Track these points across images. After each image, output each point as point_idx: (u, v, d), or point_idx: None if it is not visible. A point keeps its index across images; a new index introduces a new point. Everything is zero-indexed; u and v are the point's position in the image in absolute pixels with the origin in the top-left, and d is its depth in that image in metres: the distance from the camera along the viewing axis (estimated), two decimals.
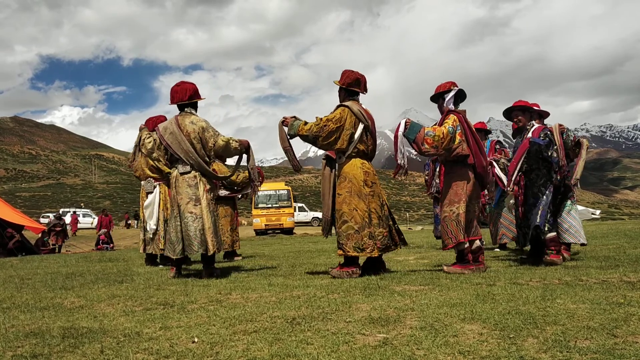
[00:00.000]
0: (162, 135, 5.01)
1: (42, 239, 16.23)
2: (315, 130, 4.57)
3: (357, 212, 4.52)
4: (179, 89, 5.09)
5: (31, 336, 2.57)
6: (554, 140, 5.11)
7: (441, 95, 4.87)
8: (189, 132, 4.92)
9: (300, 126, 4.63)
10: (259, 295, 3.58)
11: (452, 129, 4.59)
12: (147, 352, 2.23)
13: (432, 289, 3.60)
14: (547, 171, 5.11)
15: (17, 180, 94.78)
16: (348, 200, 4.55)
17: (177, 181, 4.97)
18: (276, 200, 26.13)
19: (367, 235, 4.49)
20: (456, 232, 4.59)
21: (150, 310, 3.17)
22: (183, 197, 4.91)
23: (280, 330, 2.50)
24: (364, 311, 2.87)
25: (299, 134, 4.66)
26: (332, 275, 4.54)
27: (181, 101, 5.06)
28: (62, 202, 62.71)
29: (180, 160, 4.96)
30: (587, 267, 4.61)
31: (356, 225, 4.50)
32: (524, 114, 5.31)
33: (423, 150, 4.58)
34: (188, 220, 4.86)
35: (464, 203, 4.61)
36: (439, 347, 2.14)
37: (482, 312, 2.70)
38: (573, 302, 2.88)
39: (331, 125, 4.55)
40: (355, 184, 4.57)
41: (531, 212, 5.08)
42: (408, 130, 4.64)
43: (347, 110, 4.62)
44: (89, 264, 7.44)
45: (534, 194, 5.11)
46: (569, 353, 1.99)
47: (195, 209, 4.88)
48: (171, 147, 4.95)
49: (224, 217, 7.65)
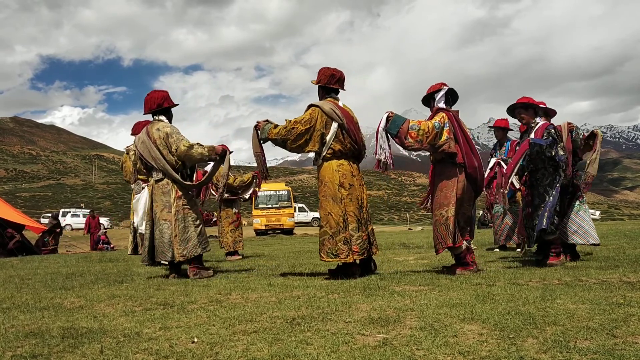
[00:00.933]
0: (136, 145, 5.22)
1: (43, 239, 16.23)
2: (284, 134, 4.47)
3: (332, 216, 4.41)
4: (148, 98, 5.25)
5: (31, 336, 2.57)
6: (557, 138, 4.92)
7: (432, 96, 4.80)
8: (155, 138, 5.03)
9: (270, 130, 4.55)
10: (259, 296, 3.58)
11: (438, 124, 4.50)
12: (146, 352, 2.23)
13: (431, 290, 3.60)
14: (553, 170, 4.95)
15: (17, 180, 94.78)
16: (324, 205, 4.48)
17: (154, 189, 5.10)
18: (276, 200, 26.15)
19: (342, 241, 4.37)
20: (445, 236, 4.48)
21: (150, 311, 3.17)
22: (158, 205, 5.04)
23: (280, 331, 2.50)
24: (364, 311, 2.87)
25: (269, 138, 4.58)
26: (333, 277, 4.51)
27: (150, 110, 5.21)
28: (63, 202, 62.73)
29: (153, 168, 5.09)
30: (587, 267, 4.60)
31: (331, 230, 4.40)
32: (527, 110, 5.11)
33: (406, 144, 4.46)
34: (163, 227, 4.98)
35: (453, 206, 4.49)
36: (438, 347, 2.14)
37: (481, 312, 2.70)
38: (573, 303, 2.88)
39: (299, 127, 4.44)
40: (331, 187, 4.46)
41: (536, 212, 4.97)
42: (390, 124, 4.52)
43: (317, 110, 4.49)
44: (89, 264, 7.44)
45: (539, 195, 4.98)
46: (569, 353, 1.99)
47: (168, 216, 4.98)
48: (143, 155, 5.09)
49: (225, 218, 7.83)
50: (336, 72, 4.70)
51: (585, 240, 5.29)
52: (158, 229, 4.99)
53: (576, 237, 5.28)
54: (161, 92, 5.28)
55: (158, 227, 5.00)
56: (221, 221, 7.94)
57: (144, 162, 5.15)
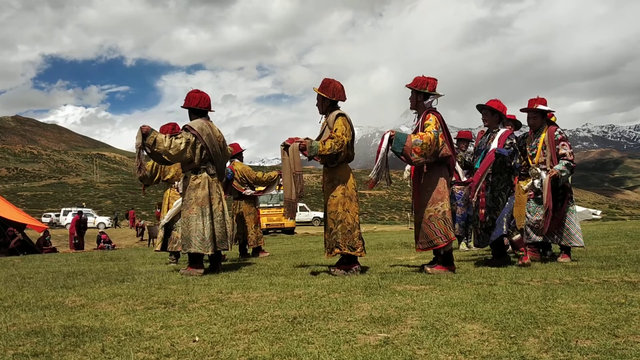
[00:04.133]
0: (199, 135, 5.17)
1: (44, 238, 16.26)
2: (337, 148, 4.60)
3: (349, 213, 4.71)
4: (199, 96, 5.34)
5: (32, 335, 2.57)
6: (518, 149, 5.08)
7: (424, 93, 4.73)
8: (219, 137, 5.35)
9: (320, 146, 4.59)
10: (260, 295, 3.59)
11: (436, 132, 4.53)
12: (148, 351, 2.23)
13: (433, 289, 3.60)
14: (507, 176, 5.03)
15: (18, 179, 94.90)
16: (342, 201, 4.69)
17: (210, 182, 5.26)
18: (277, 200, 26.15)
19: (358, 236, 4.71)
20: (445, 230, 4.57)
21: (151, 309, 3.18)
22: (215, 198, 5.25)
23: (281, 330, 2.50)
24: (365, 310, 2.87)
25: (320, 154, 4.62)
26: (334, 275, 4.60)
27: (205, 108, 5.36)
28: (64, 201, 62.74)
29: (210, 161, 5.26)
30: (588, 267, 4.60)
31: (349, 226, 4.68)
32: (493, 115, 5.11)
33: (413, 160, 4.54)
34: (224, 218, 5.28)
35: (447, 200, 4.63)
36: (440, 346, 2.13)
37: (483, 311, 2.70)
38: (574, 302, 2.88)
39: (346, 139, 4.65)
40: (349, 188, 4.75)
41: (490, 215, 4.97)
42: (394, 143, 4.55)
43: (346, 118, 4.74)
44: (90, 263, 7.45)
45: (494, 198, 5.00)
46: (570, 353, 1.99)
47: (224, 209, 5.32)
48: (208, 148, 5.21)
49: (248, 214, 7.91)
50: (341, 86, 4.85)
51: (567, 242, 5.29)
52: (216, 220, 5.23)
53: (572, 241, 5.28)
54: (208, 96, 5.43)
55: (216, 219, 5.23)
56: (240, 217, 8.00)
57: (211, 153, 5.23)
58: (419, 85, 4.75)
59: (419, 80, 4.76)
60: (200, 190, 5.17)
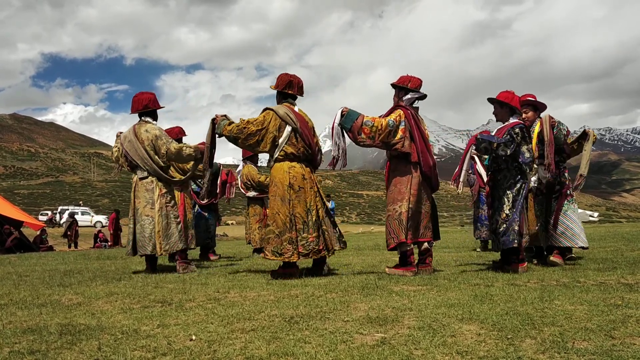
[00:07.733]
0: (122, 143, 5.43)
1: (41, 236, 16.22)
2: (236, 132, 4.61)
3: (279, 216, 4.52)
4: (135, 99, 5.49)
5: (29, 332, 2.56)
6: (523, 140, 4.55)
7: (405, 89, 4.69)
8: (144, 139, 5.30)
9: (225, 126, 4.67)
10: (257, 294, 3.58)
11: (392, 122, 4.46)
12: (144, 349, 2.23)
13: (430, 289, 3.60)
14: (516, 173, 4.58)
15: (15, 177, 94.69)
16: (272, 204, 4.60)
17: (137, 186, 5.36)
18: None
19: (287, 240, 4.47)
20: (398, 231, 4.45)
21: (148, 308, 3.17)
22: (141, 201, 5.30)
23: (278, 329, 2.50)
24: (362, 311, 2.87)
25: (222, 133, 4.71)
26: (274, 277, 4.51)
27: (137, 111, 5.47)
28: (61, 199, 62.60)
29: (138, 166, 5.33)
30: (585, 269, 4.61)
31: (277, 229, 4.51)
32: (502, 108, 4.75)
33: (359, 140, 4.47)
34: (145, 222, 5.25)
35: (406, 202, 4.46)
36: (436, 347, 2.13)
37: (480, 312, 2.70)
38: (571, 304, 2.88)
39: (251, 127, 4.58)
40: (280, 188, 4.56)
41: (494, 217, 4.64)
42: (344, 118, 4.51)
43: (271, 113, 4.63)
44: (87, 262, 7.44)
45: (498, 197, 4.63)
46: (567, 354, 1.99)
47: (150, 212, 5.25)
48: (129, 154, 5.33)
49: (253, 216, 7.95)
50: (294, 79, 4.82)
51: (573, 243, 5.03)
52: (139, 224, 5.27)
53: (563, 240, 5.03)
54: (148, 94, 5.52)
55: (140, 222, 5.27)
56: (248, 218, 8.00)
57: (129, 160, 5.38)
58: (400, 82, 4.74)
59: (403, 78, 4.77)
60: (131, 193, 5.44)
